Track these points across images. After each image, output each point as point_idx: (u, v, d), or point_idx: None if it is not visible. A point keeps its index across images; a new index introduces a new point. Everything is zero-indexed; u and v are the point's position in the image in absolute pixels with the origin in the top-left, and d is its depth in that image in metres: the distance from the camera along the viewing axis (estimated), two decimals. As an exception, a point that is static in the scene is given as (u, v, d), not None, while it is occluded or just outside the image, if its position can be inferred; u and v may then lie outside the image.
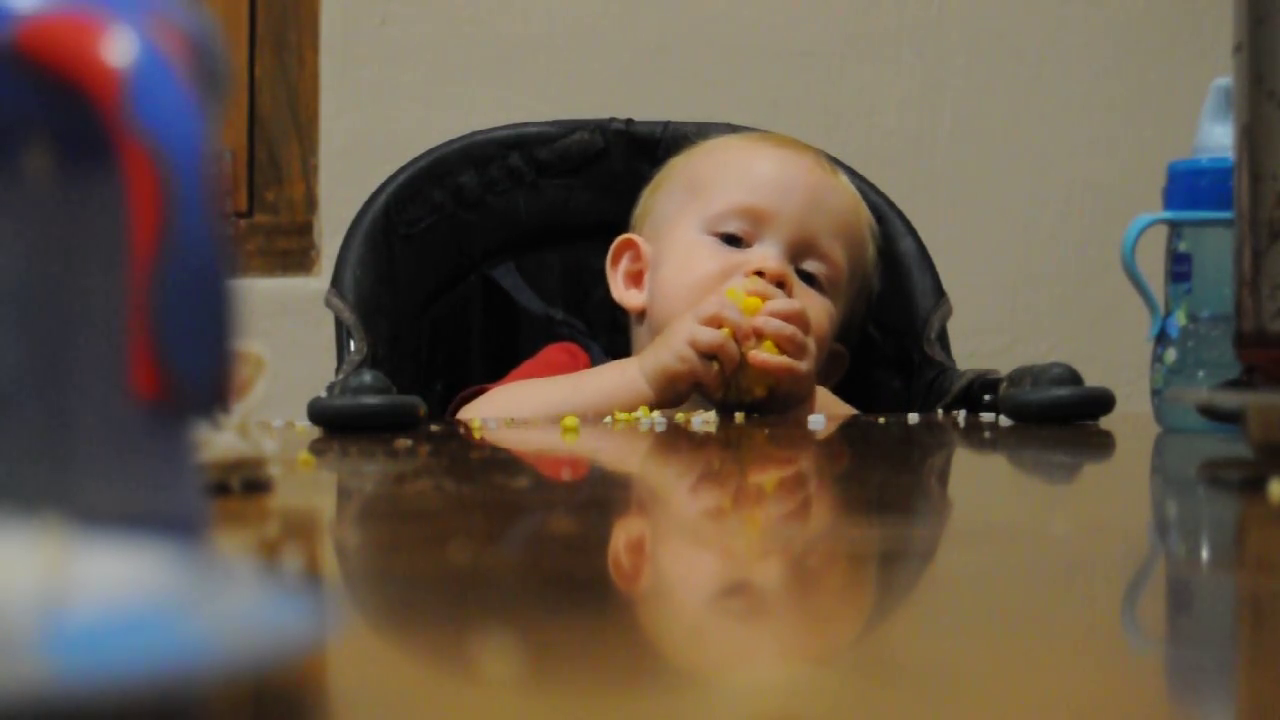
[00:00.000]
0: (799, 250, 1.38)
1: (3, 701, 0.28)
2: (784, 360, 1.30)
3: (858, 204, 1.45)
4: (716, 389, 1.30)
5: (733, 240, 1.39)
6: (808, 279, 1.38)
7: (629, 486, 0.93)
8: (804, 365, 1.31)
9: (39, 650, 0.32)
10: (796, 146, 1.46)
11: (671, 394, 1.31)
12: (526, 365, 1.45)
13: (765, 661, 0.42)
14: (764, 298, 1.32)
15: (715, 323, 1.30)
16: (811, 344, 1.33)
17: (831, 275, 1.39)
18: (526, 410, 1.30)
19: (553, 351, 1.47)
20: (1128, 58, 2.37)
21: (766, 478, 0.97)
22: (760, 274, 1.34)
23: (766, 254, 1.36)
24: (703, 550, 0.65)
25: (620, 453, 1.07)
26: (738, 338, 1.30)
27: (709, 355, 1.29)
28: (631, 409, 1.27)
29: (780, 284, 1.35)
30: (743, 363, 1.30)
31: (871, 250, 1.47)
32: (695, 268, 1.38)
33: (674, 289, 1.39)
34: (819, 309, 1.37)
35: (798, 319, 1.31)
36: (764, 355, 1.30)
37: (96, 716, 0.29)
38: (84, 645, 0.32)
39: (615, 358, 1.42)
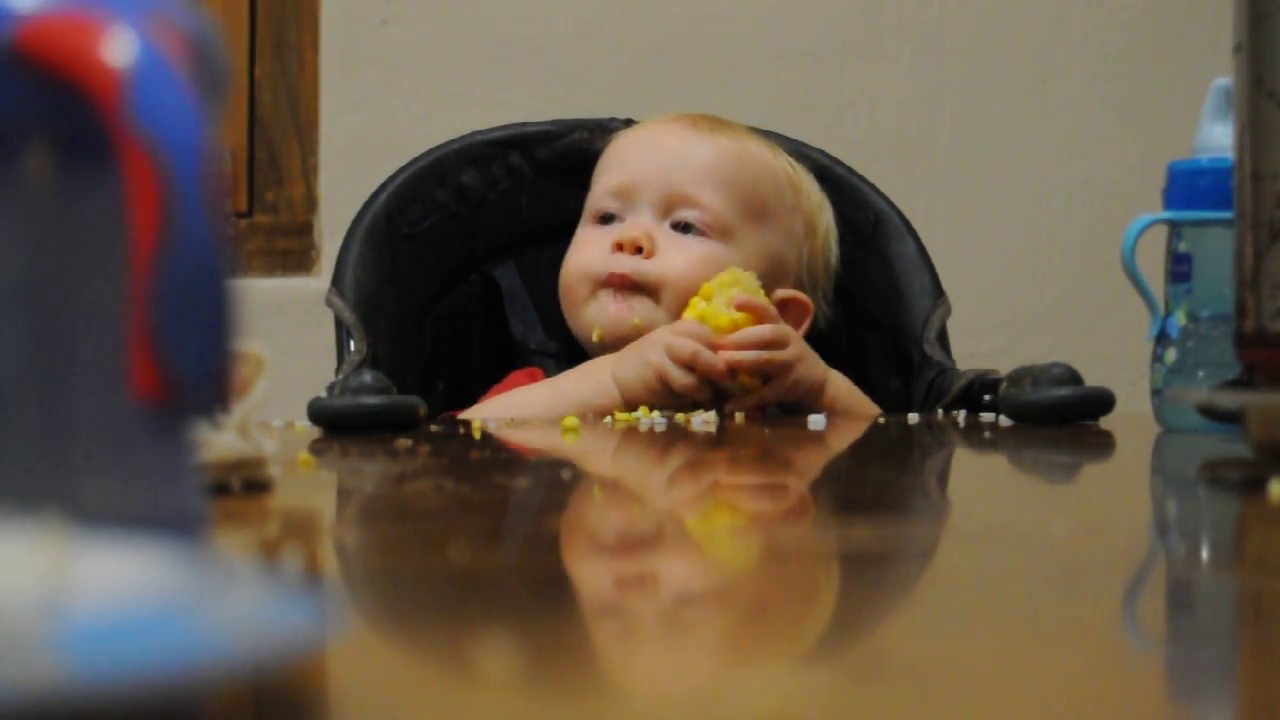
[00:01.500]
0: (667, 206, 1.41)
1: (7, 701, 0.28)
2: (758, 397, 1.31)
3: (735, 153, 1.44)
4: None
5: (610, 219, 1.42)
6: (685, 229, 1.40)
7: (629, 487, 0.93)
8: (777, 391, 1.32)
9: (42, 650, 0.32)
10: (674, 117, 1.47)
11: (642, 405, 1.32)
12: (492, 392, 1.45)
13: (763, 661, 0.42)
14: (740, 309, 1.32)
15: (688, 363, 1.30)
16: (792, 351, 1.32)
17: (710, 218, 1.40)
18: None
19: (517, 377, 1.47)
20: (1128, 58, 2.37)
21: (766, 477, 0.97)
22: (621, 246, 1.38)
23: (627, 224, 1.40)
24: (702, 550, 0.65)
25: (620, 453, 1.07)
26: (712, 375, 1.30)
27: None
28: (608, 413, 1.29)
29: (639, 249, 1.37)
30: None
31: (803, 203, 1.45)
32: (573, 260, 1.43)
33: (563, 287, 1.43)
34: (699, 252, 1.38)
35: (771, 342, 1.31)
36: (744, 397, 1.31)
37: (99, 716, 0.29)
38: (86, 646, 0.32)
39: None
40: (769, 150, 1.47)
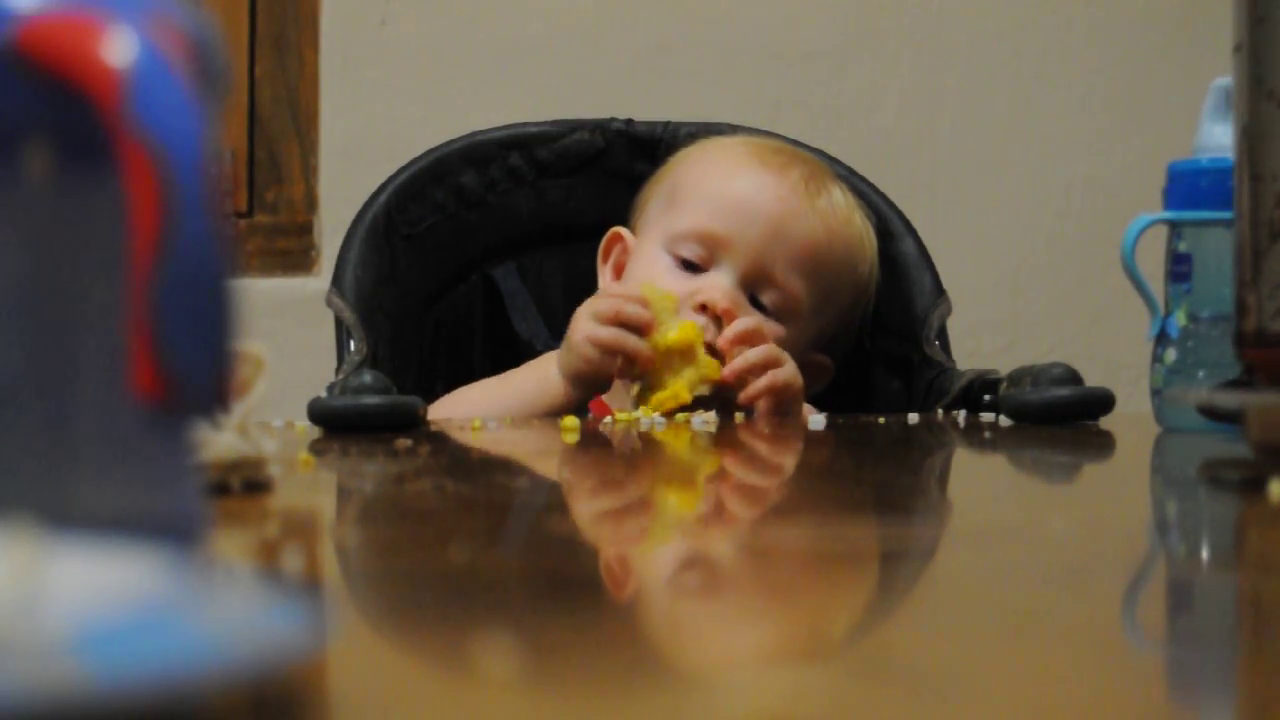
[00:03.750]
0: (754, 280, 1.37)
1: (3, 705, 0.28)
2: (771, 381, 1.31)
3: (833, 230, 1.41)
4: (628, 378, 1.30)
5: (690, 264, 1.38)
6: (761, 307, 1.37)
7: (628, 486, 0.93)
8: (790, 373, 1.32)
9: (39, 655, 0.32)
10: (781, 164, 1.43)
11: (588, 390, 1.32)
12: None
13: (764, 661, 0.42)
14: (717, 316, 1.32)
15: (612, 321, 1.30)
16: (780, 352, 1.33)
17: (788, 305, 1.37)
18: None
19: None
20: (1128, 58, 2.37)
21: (766, 477, 0.97)
22: (705, 307, 1.34)
23: (716, 284, 1.35)
24: (702, 550, 0.65)
25: (620, 453, 1.07)
26: (639, 324, 1.29)
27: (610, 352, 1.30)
28: (555, 410, 1.30)
29: (719, 319, 1.34)
30: (658, 369, 1.30)
31: (862, 271, 1.44)
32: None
33: None
34: (771, 337, 1.36)
35: (756, 337, 1.31)
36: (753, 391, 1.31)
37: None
38: (81, 651, 0.32)
39: None
40: (851, 211, 1.44)
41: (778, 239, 1.38)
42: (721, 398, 1.32)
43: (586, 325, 1.31)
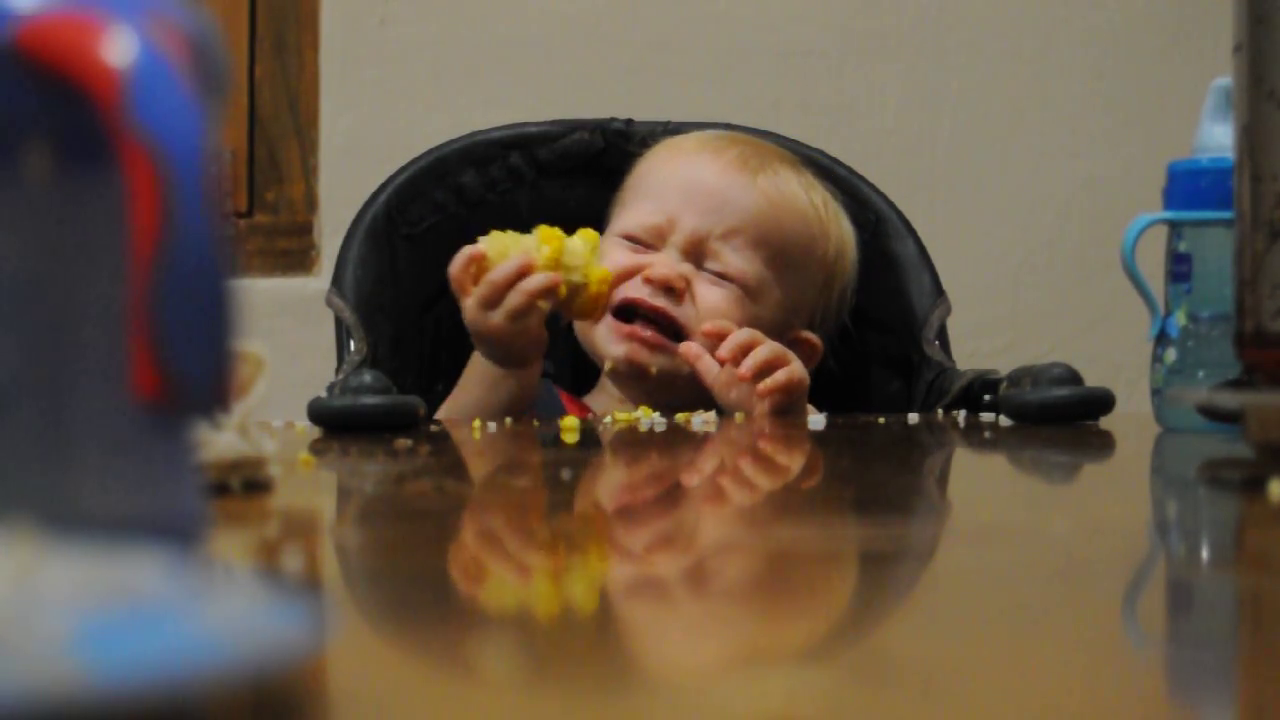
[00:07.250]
0: (699, 253, 1.40)
1: (3, 704, 0.28)
2: (789, 377, 1.32)
3: (775, 201, 1.43)
4: (571, 315, 1.35)
5: (639, 243, 1.41)
6: (715, 275, 1.40)
7: (628, 486, 0.93)
8: (799, 371, 1.33)
9: (39, 655, 0.32)
10: (720, 147, 1.45)
11: (529, 362, 1.35)
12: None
13: (764, 661, 0.42)
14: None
15: (499, 294, 1.33)
16: (785, 350, 1.34)
17: (739, 273, 1.39)
18: None
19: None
20: (1128, 58, 2.37)
21: (766, 477, 0.97)
22: (650, 280, 1.37)
23: (660, 259, 1.39)
24: (702, 550, 0.65)
25: (619, 453, 1.07)
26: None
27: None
28: (517, 400, 1.33)
29: (671, 288, 1.37)
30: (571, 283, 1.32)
31: (826, 248, 1.45)
32: None
33: None
34: (729, 306, 1.38)
35: (752, 343, 1.33)
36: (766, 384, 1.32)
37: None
38: (81, 651, 0.32)
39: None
40: (804, 190, 1.45)
41: (717, 210, 1.41)
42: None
43: (480, 315, 1.33)
